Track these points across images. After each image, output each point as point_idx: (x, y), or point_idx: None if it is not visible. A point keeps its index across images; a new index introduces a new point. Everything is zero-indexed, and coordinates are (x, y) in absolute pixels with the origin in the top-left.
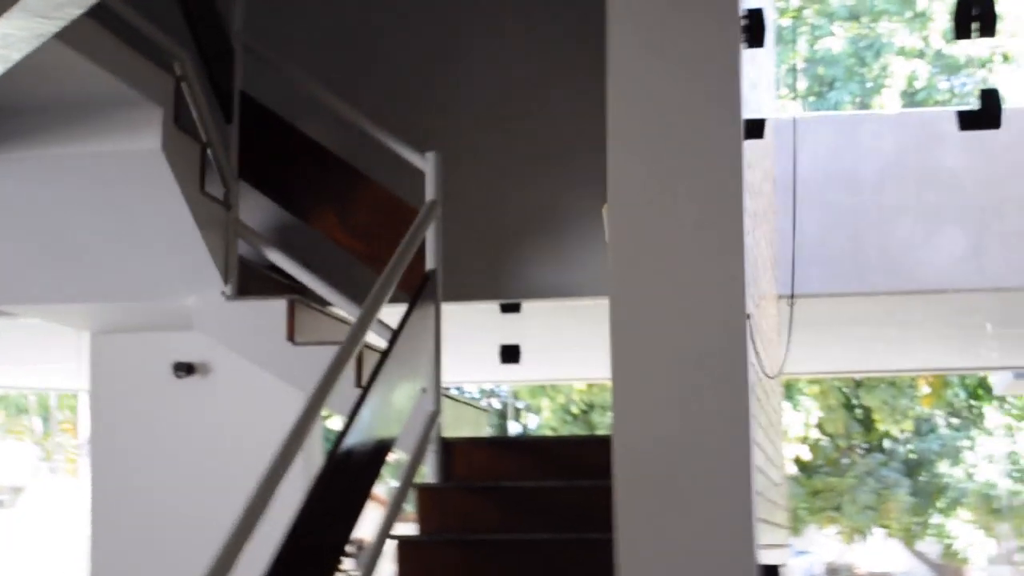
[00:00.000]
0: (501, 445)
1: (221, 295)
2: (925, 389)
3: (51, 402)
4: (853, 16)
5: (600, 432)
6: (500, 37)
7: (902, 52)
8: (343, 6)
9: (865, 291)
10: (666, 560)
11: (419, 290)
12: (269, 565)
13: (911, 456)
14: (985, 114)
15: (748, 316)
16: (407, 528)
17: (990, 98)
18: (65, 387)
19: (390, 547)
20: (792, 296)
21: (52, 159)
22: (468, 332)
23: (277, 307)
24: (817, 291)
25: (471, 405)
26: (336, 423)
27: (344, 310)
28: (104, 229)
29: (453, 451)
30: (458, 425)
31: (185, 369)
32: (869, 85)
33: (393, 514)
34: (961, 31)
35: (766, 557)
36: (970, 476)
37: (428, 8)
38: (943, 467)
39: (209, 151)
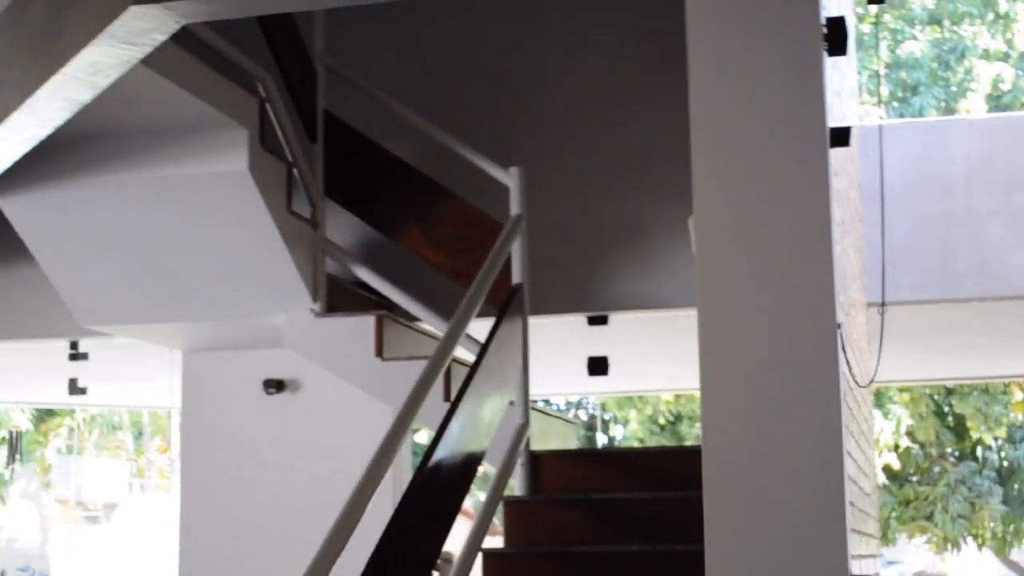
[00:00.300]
0: (589, 457)
1: (310, 312)
2: (1018, 395)
3: (143, 419)
4: (934, 20)
5: (688, 443)
6: (583, 51)
7: (986, 55)
8: (425, 24)
9: (956, 297)
10: (756, 571)
11: (506, 304)
12: None
13: (1004, 464)
14: None
15: (839, 325)
16: (495, 541)
17: None
18: (158, 405)
19: (478, 560)
20: (882, 304)
21: (142, 182)
22: (556, 345)
23: (365, 323)
24: (907, 298)
25: (559, 417)
26: (423, 437)
27: (431, 325)
28: (194, 249)
29: (541, 464)
30: (546, 438)
31: (275, 386)
32: (953, 89)
33: (482, 527)
34: None
35: (857, 567)
36: None
37: (511, 24)
38: None
39: (295, 171)
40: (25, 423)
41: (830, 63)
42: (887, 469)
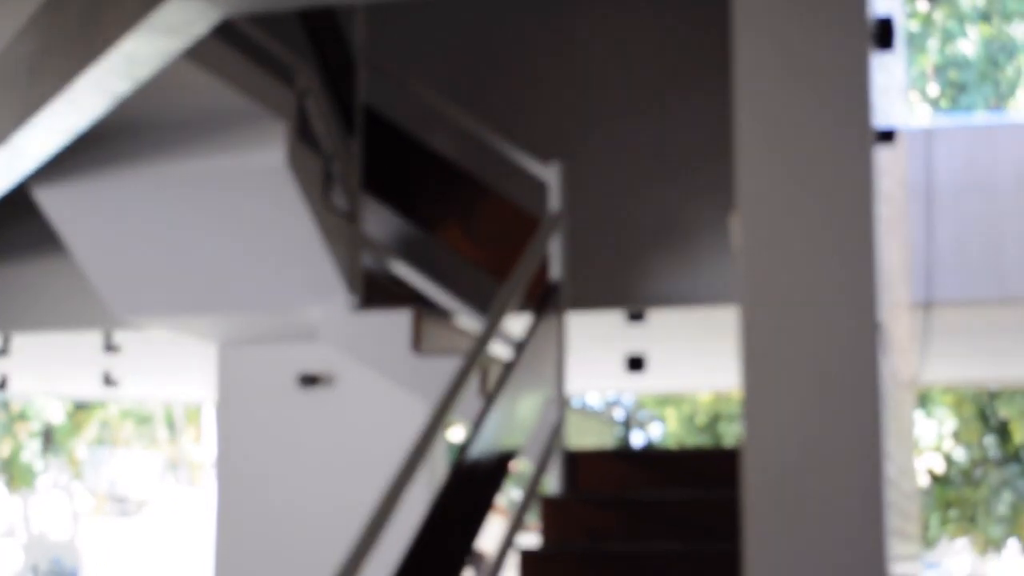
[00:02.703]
0: (626, 456)
1: (346, 306)
2: None
3: (177, 413)
4: (984, 18)
5: (726, 443)
6: (624, 46)
7: None
8: (464, 19)
9: (1002, 298)
10: (795, 572)
11: (543, 300)
12: (393, 574)
13: None
14: None
15: (880, 325)
16: (530, 539)
17: None
18: (192, 398)
19: (512, 558)
20: (926, 304)
21: (178, 174)
22: (593, 341)
23: (401, 318)
24: (953, 299)
25: (595, 416)
26: (457, 434)
27: (468, 320)
28: (230, 242)
29: (577, 462)
30: (582, 435)
31: (310, 380)
32: (1003, 88)
33: (516, 525)
34: None
35: (898, 569)
36: None
37: (551, 19)
38: None
39: (333, 165)
40: (59, 415)
41: (877, 61)
42: (930, 471)
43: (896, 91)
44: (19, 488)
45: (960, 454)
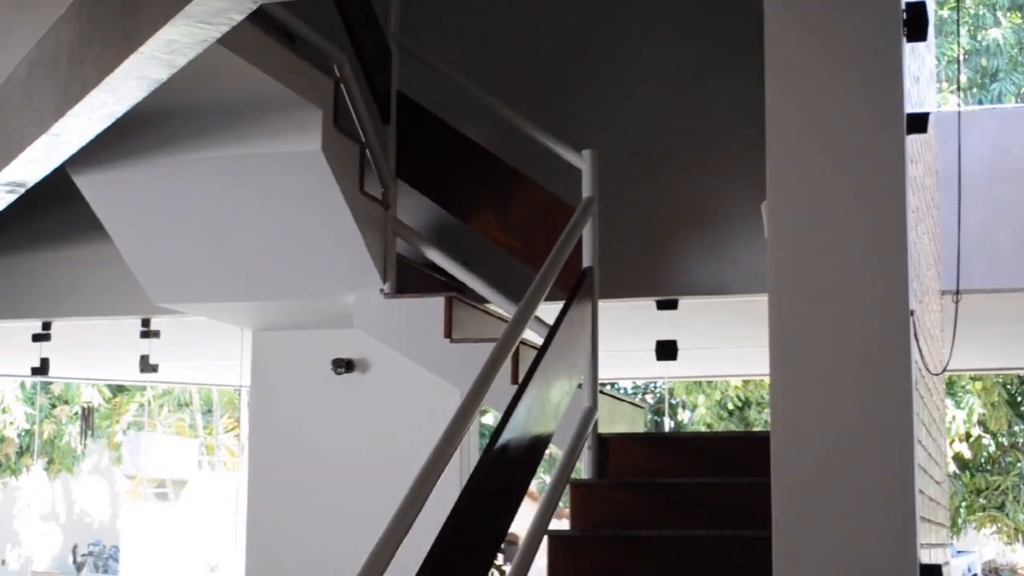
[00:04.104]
0: (656, 441)
1: (380, 293)
2: None
3: (213, 397)
4: (1016, 6)
5: (756, 429)
6: (657, 33)
7: None
8: (497, 6)
9: None
10: (825, 558)
11: (576, 287)
12: (426, 559)
13: None
14: None
15: (911, 312)
16: (561, 524)
17: None
18: (228, 383)
19: (544, 543)
20: (957, 292)
21: (215, 161)
22: (624, 329)
23: (434, 304)
24: (982, 286)
25: (627, 401)
26: (491, 419)
27: (500, 307)
28: (266, 229)
29: (608, 447)
30: (613, 421)
31: (344, 365)
32: None
33: (548, 510)
34: None
35: (927, 556)
36: None
37: (585, 6)
38: None
39: (368, 151)
40: (97, 399)
41: (908, 48)
42: (958, 458)
43: (926, 78)
44: (60, 471)
45: (989, 441)
